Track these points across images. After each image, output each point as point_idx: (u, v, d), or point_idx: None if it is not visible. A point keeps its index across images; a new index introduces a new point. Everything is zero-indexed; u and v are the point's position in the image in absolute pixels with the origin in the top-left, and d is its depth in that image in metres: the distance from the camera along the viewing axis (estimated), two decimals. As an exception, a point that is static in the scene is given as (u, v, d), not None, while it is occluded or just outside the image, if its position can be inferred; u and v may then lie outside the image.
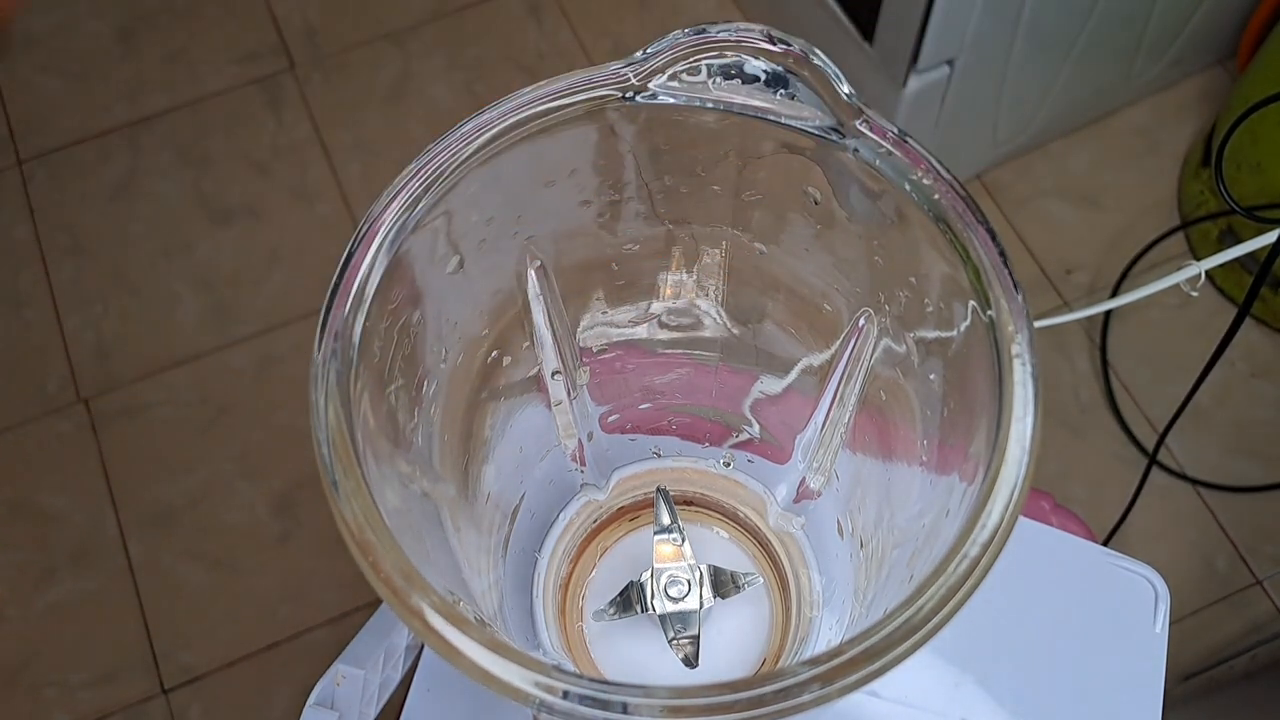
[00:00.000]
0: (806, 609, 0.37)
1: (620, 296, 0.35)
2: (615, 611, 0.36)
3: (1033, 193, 1.07)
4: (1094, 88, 1.04)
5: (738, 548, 0.39)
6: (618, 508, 0.39)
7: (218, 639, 0.91)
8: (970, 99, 0.94)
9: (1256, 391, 1.00)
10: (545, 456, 0.38)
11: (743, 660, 0.37)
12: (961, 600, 0.23)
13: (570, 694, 0.22)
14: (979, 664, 0.39)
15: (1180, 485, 0.97)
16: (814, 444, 0.36)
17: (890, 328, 0.31)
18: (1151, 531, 0.94)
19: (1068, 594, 0.41)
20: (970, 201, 0.26)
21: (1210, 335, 0.75)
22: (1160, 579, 0.41)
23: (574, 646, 0.37)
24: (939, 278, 0.28)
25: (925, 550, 0.27)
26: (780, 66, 0.27)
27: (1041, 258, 1.05)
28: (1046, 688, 0.40)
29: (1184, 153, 1.09)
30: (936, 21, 0.82)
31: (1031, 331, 0.25)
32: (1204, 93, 1.11)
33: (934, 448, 0.30)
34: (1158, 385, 1.00)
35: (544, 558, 0.38)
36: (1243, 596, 0.94)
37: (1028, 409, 0.24)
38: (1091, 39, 0.94)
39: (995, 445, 0.24)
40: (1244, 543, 0.95)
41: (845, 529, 0.36)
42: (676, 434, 0.39)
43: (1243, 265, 0.98)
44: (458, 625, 0.22)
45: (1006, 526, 0.23)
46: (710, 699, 0.22)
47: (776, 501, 0.38)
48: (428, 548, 0.28)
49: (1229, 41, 1.08)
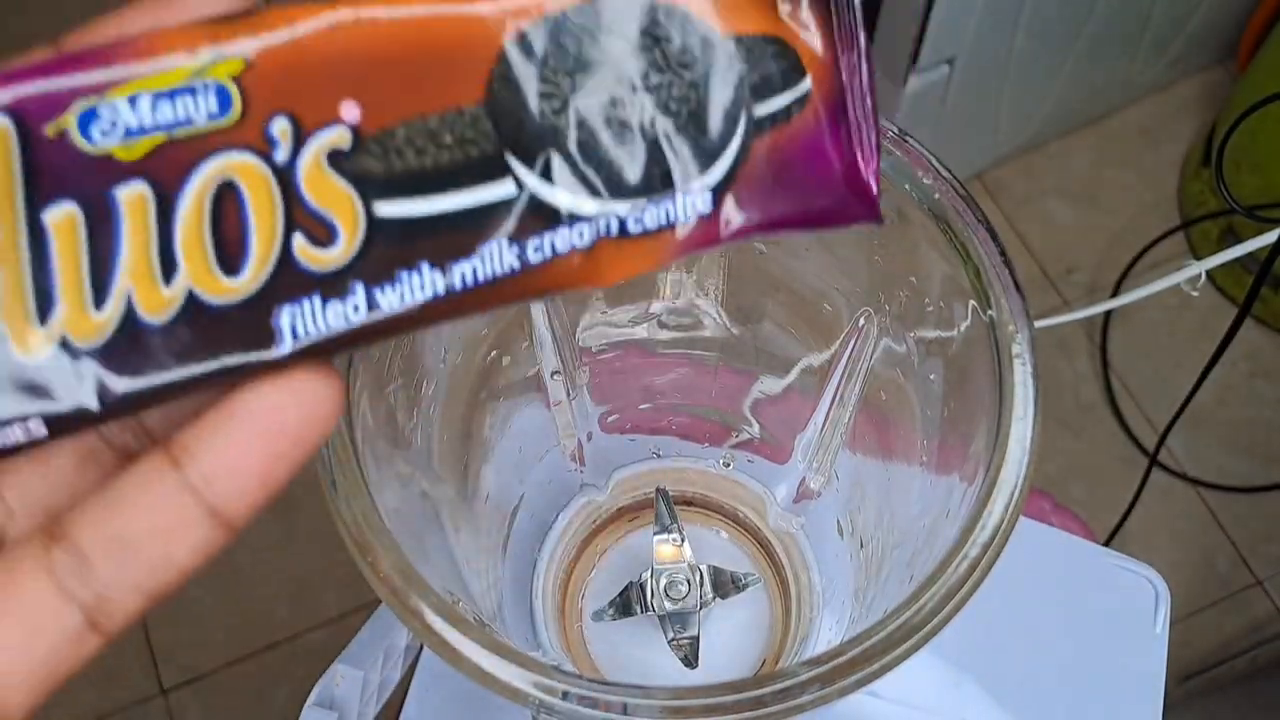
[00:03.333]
0: (806, 609, 0.37)
1: (620, 296, 0.35)
2: (615, 612, 0.36)
3: (1033, 192, 1.07)
4: (1094, 87, 1.04)
5: (737, 548, 0.39)
6: (617, 508, 0.39)
7: (217, 639, 0.91)
8: (970, 98, 0.94)
9: (1257, 391, 1.00)
10: (544, 457, 0.38)
11: (743, 661, 0.37)
12: (962, 601, 0.23)
13: (569, 695, 0.22)
14: (979, 664, 0.39)
15: (1181, 485, 0.97)
16: (814, 444, 0.36)
17: (890, 327, 0.31)
18: (1152, 532, 0.94)
19: (1068, 594, 0.41)
20: (970, 201, 0.26)
21: (1211, 335, 0.75)
22: (1161, 579, 0.41)
23: (573, 647, 0.37)
24: (939, 277, 0.27)
25: (925, 550, 0.27)
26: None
27: (1042, 257, 1.05)
28: (1047, 688, 0.39)
29: (1184, 152, 1.09)
30: (936, 20, 0.82)
31: (1032, 331, 0.25)
32: (1204, 92, 1.11)
33: (934, 448, 0.30)
34: (1158, 385, 1.00)
35: (543, 558, 0.38)
36: (1243, 597, 0.94)
37: (1028, 409, 0.24)
38: (1092, 38, 0.94)
39: (995, 445, 0.24)
40: (1244, 543, 0.95)
41: (845, 529, 0.36)
42: (676, 434, 0.39)
43: (1243, 265, 0.98)
44: (457, 626, 0.22)
45: (1007, 527, 0.23)
46: (710, 700, 0.22)
47: (776, 502, 0.38)
48: (427, 548, 0.28)
49: (1229, 41, 1.08)
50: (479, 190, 0.16)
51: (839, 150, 0.18)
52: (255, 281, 0.15)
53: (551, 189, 0.16)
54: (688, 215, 0.17)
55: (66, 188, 0.14)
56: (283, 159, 0.15)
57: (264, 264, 0.15)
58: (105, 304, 0.15)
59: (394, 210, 0.15)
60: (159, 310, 0.15)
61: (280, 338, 0.15)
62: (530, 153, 0.16)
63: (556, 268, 0.16)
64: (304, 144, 0.15)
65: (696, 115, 0.17)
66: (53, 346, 0.14)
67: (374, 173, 0.15)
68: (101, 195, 0.14)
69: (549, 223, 0.16)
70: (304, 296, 0.15)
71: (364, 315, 0.15)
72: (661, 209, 0.16)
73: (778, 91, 0.17)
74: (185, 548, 0.15)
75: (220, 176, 0.15)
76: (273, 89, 0.15)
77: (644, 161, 0.16)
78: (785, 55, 0.17)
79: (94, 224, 0.14)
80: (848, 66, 0.18)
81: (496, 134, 0.16)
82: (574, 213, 0.16)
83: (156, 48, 0.15)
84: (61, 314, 0.14)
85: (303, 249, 0.15)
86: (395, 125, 0.15)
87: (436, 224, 0.16)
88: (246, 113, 0.15)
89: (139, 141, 0.15)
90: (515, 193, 0.16)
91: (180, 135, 0.15)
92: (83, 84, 0.14)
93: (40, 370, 0.15)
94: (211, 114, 0.15)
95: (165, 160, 0.15)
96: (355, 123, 0.15)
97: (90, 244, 0.14)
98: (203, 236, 0.15)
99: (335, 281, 0.15)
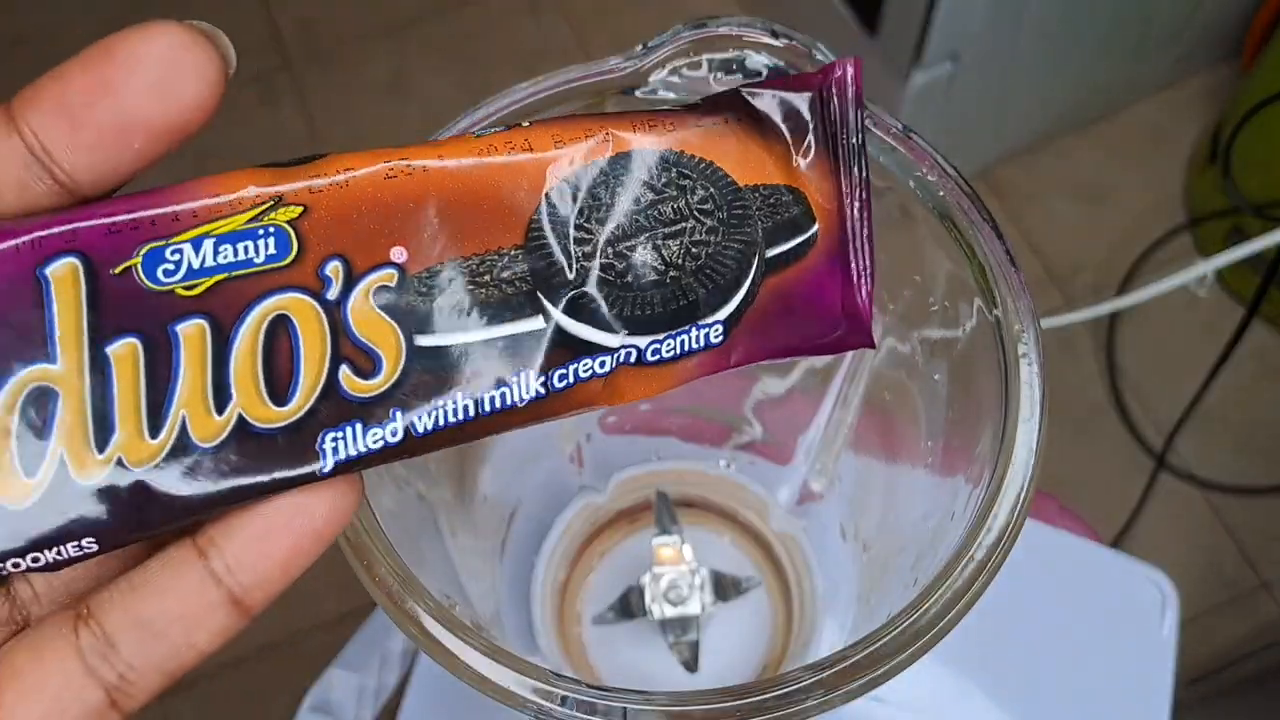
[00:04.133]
0: (809, 613, 0.36)
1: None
2: (614, 616, 0.35)
3: (1038, 190, 1.07)
4: (1100, 84, 1.03)
5: (739, 551, 0.39)
6: (617, 510, 0.39)
7: (218, 641, 0.91)
8: (975, 95, 0.93)
9: (1265, 392, 0.99)
10: (543, 458, 0.37)
11: (744, 665, 0.37)
12: (967, 604, 0.22)
13: (568, 700, 0.21)
14: (985, 668, 0.39)
15: (1188, 487, 0.96)
16: (817, 445, 0.36)
17: (894, 327, 0.31)
18: (1159, 534, 0.94)
19: (1075, 597, 0.41)
20: (976, 199, 0.26)
21: (1218, 335, 0.75)
22: (1168, 581, 0.41)
23: (572, 651, 0.36)
24: (944, 276, 0.27)
25: (930, 553, 0.27)
26: (783, 61, 0.26)
27: (1047, 256, 1.05)
28: (1054, 692, 0.39)
29: (1191, 150, 1.08)
30: (941, 16, 0.81)
31: (1038, 331, 0.25)
32: (1211, 89, 1.11)
33: (939, 449, 0.30)
34: (1165, 386, 0.99)
35: (542, 561, 0.37)
36: (1250, 600, 0.93)
37: (1034, 410, 0.24)
38: (1098, 34, 0.94)
39: (1001, 447, 0.24)
40: (1252, 545, 0.95)
41: (848, 532, 0.36)
42: (677, 435, 0.39)
43: (1251, 264, 0.98)
44: (454, 630, 0.22)
45: (1013, 529, 0.23)
46: (711, 705, 0.21)
47: (779, 504, 0.38)
48: (423, 551, 0.28)
49: (1235, 38, 1.08)
50: (511, 325, 0.17)
51: (840, 288, 0.19)
52: (302, 409, 0.16)
53: (578, 325, 0.17)
54: (701, 345, 0.18)
55: (129, 323, 0.15)
56: (334, 296, 0.16)
57: (311, 393, 0.16)
58: (161, 431, 0.15)
59: (433, 341, 0.17)
60: (211, 436, 0.16)
61: (323, 458, 0.16)
62: (561, 292, 0.17)
63: (578, 393, 0.18)
64: (354, 284, 0.16)
65: (716, 258, 0.18)
66: (109, 469, 0.15)
67: (417, 307, 0.16)
68: (162, 330, 0.15)
69: (574, 355, 0.17)
70: (346, 424, 0.16)
71: (400, 437, 0.17)
72: (678, 341, 0.18)
73: (789, 237, 0.19)
74: (206, 633, 0.16)
75: (274, 312, 0.16)
76: (327, 233, 0.16)
77: (665, 299, 0.18)
78: (798, 203, 0.19)
79: (153, 356, 0.15)
80: (853, 212, 0.19)
81: (531, 274, 0.17)
82: (597, 345, 0.18)
83: (221, 198, 0.16)
84: (119, 440, 0.15)
85: (348, 378, 0.16)
86: (440, 265, 0.16)
87: (471, 354, 0.17)
88: (302, 255, 0.16)
89: (201, 282, 0.15)
90: (544, 326, 0.17)
91: (239, 275, 0.16)
92: (151, 229, 0.15)
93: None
94: (270, 256, 0.16)
95: (224, 298, 0.16)
96: (402, 262, 0.16)
97: (148, 375, 0.15)
98: (255, 368, 0.16)
99: (375, 407, 0.16)
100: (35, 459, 0.15)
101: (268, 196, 0.16)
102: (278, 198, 0.16)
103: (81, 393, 0.15)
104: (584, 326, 0.17)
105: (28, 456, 0.15)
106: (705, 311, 0.18)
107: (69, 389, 0.15)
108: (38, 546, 0.15)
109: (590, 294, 0.17)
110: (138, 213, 0.15)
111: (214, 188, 0.16)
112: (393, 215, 0.16)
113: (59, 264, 0.15)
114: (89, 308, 0.15)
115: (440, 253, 0.16)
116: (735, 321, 0.18)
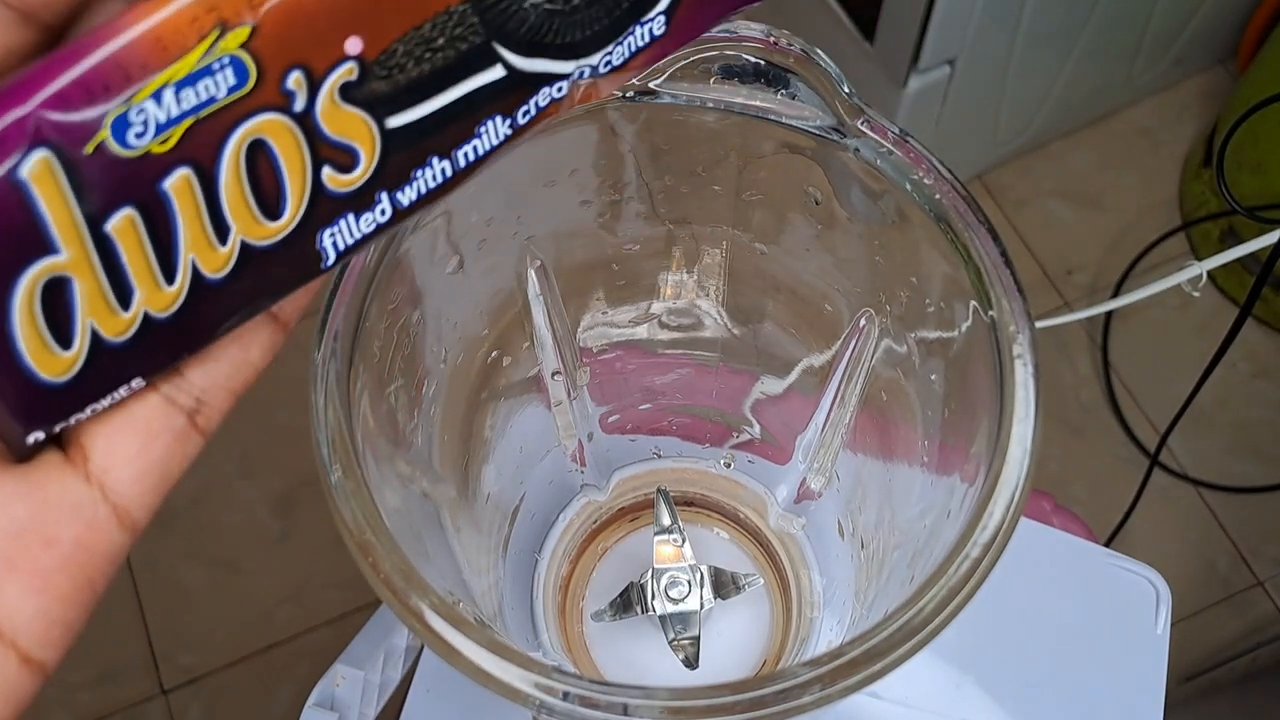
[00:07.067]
0: (807, 610, 0.37)
1: (620, 297, 0.35)
2: (615, 612, 0.36)
3: (1034, 193, 1.07)
4: (1095, 88, 1.04)
5: (738, 548, 0.39)
6: (618, 508, 0.39)
7: (218, 639, 0.91)
8: (971, 99, 0.94)
9: (1258, 392, 1.00)
10: (545, 457, 0.38)
11: (743, 661, 0.37)
12: (963, 601, 0.23)
13: (570, 695, 0.22)
14: (980, 665, 0.39)
15: (1182, 486, 0.97)
16: (815, 444, 0.36)
17: (891, 328, 0.31)
18: (1153, 532, 0.94)
19: (1069, 595, 0.41)
20: (971, 201, 0.26)
21: (1212, 336, 0.75)
22: (1161, 580, 0.41)
23: (574, 647, 0.37)
24: (940, 278, 0.27)
25: (926, 551, 0.27)
26: (781, 66, 0.27)
27: (1042, 258, 1.05)
28: (1047, 689, 0.39)
29: (1185, 153, 1.09)
30: (937, 21, 0.82)
31: (1033, 332, 0.25)
32: (1205, 92, 1.11)
33: (935, 448, 0.30)
34: (1159, 386, 1.00)
35: (544, 558, 0.38)
36: (1244, 597, 0.94)
37: (1029, 410, 0.24)
38: (1092, 39, 0.94)
39: (996, 446, 0.24)
40: (1245, 544, 0.95)
41: (846, 530, 0.36)
42: (677, 434, 0.39)
43: (1244, 266, 0.98)
44: (457, 626, 0.22)
45: (1008, 528, 0.23)
46: (710, 700, 0.22)
47: (777, 502, 0.38)
48: (427, 548, 0.28)
49: (1230, 41, 1.08)
50: (473, 80, 0.18)
51: None
52: (295, 218, 0.17)
53: (535, 62, 0.18)
54: (648, 40, 0.19)
55: (119, 196, 0.16)
56: (301, 106, 0.16)
57: (300, 201, 0.17)
58: (175, 278, 0.17)
59: (403, 119, 0.17)
60: (221, 267, 0.17)
61: (325, 256, 0.18)
62: (513, 35, 0.18)
63: (542, 117, 0.19)
64: (319, 88, 0.16)
65: None
66: (138, 324, 0.17)
67: (382, 92, 0.17)
68: (152, 191, 0.16)
69: (534, 89, 0.18)
70: (339, 218, 0.17)
71: (389, 215, 0.18)
72: (626, 44, 0.19)
73: None
74: (259, 348, 0.18)
75: (249, 139, 0.16)
76: (281, 46, 0.16)
77: (608, 9, 0.18)
78: None
79: (151, 218, 0.16)
80: None
81: (483, 25, 0.17)
82: (554, 74, 0.18)
83: (165, 37, 0.15)
84: (140, 298, 0.16)
85: (331, 178, 0.17)
86: (394, 43, 0.17)
87: (440, 120, 0.17)
88: (262, 77, 0.16)
89: (171, 132, 0.16)
90: (504, 74, 0.18)
91: (206, 114, 0.16)
92: (105, 92, 0.15)
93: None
94: (231, 87, 0.16)
95: (198, 141, 0.16)
96: (359, 53, 0.16)
97: (151, 236, 0.16)
98: (245, 195, 0.16)
99: (362, 195, 0.17)
100: (68, 335, 0.16)
101: (210, 22, 0.15)
102: (221, 23, 0.15)
103: (94, 272, 0.16)
104: (540, 61, 0.18)
105: (61, 335, 0.16)
106: (647, 6, 0.19)
107: (81, 272, 0.16)
108: (92, 399, 0.17)
109: (540, 28, 0.18)
110: (80, 68, 0.15)
111: (158, 35, 0.15)
112: (340, 6, 0.16)
113: (31, 162, 0.15)
114: (76, 196, 0.15)
115: (394, 30, 0.17)
116: (675, 7, 0.19)
